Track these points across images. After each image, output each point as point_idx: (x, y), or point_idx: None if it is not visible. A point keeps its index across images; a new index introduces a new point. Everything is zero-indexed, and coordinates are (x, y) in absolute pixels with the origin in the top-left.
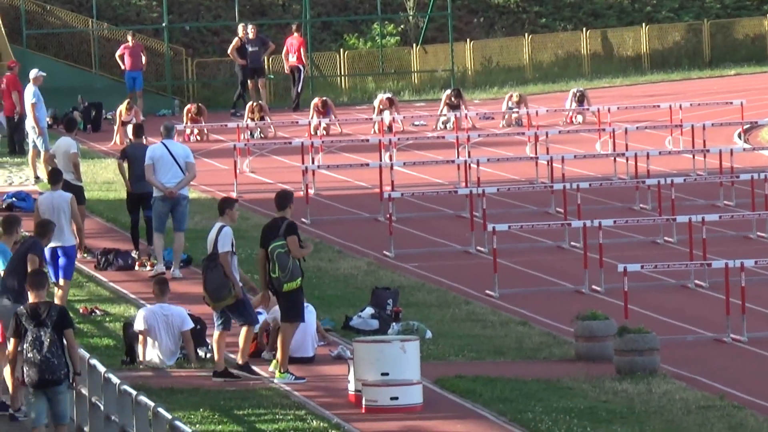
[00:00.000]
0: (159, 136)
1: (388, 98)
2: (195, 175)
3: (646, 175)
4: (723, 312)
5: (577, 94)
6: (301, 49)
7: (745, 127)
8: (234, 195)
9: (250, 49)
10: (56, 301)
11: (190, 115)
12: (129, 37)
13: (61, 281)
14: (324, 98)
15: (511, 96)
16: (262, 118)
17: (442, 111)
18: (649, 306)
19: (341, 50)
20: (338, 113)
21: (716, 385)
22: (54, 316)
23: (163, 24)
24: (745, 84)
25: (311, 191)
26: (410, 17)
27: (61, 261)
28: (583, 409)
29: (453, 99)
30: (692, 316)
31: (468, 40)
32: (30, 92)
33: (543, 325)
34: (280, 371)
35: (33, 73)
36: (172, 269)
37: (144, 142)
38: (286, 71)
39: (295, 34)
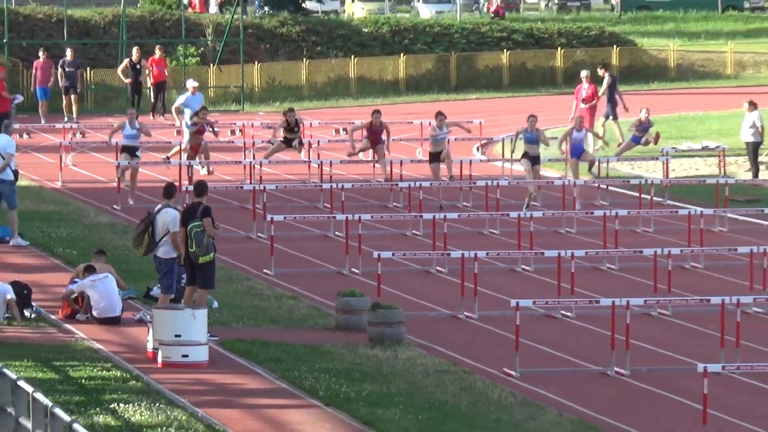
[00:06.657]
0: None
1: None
2: (6, 164)
3: (400, 179)
4: (459, 294)
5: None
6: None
7: (482, 142)
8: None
9: (67, 69)
10: None
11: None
12: (41, 54)
13: None
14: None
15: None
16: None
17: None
18: (398, 287)
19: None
20: (149, 120)
21: (451, 353)
22: None
23: (4, 40)
24: (484, 107)
25: (123, 184)
26: (209, 42)
27: None
28: (340, 369)
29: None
30: (433, 296)
31: (256, 62)
32: None
33: (310, 299)
34: None
35: None
36: (11, 240)
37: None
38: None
39: (158, 54)
